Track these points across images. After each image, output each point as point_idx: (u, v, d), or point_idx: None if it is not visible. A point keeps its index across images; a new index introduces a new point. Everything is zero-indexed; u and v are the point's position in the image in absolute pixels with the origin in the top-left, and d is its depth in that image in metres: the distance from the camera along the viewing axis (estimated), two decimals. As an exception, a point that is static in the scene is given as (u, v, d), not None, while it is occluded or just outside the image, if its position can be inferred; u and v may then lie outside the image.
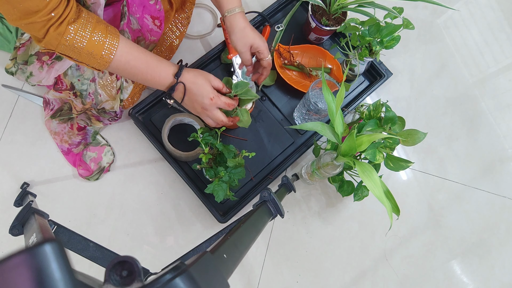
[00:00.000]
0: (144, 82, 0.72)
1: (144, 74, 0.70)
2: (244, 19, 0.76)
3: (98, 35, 0.62)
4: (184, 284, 0.28)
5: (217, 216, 0.87)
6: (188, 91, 0.72)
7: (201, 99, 0.73)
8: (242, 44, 0.77)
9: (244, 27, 0.76)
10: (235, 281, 0.90)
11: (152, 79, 0.71)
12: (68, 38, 0.59)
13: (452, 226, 1.00)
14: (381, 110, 0.89)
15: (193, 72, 0.72)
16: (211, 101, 0.72)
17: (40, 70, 0.80)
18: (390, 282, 0.95)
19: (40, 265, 0.21)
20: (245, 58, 0.79)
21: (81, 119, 0.90)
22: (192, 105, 0.75)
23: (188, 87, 0.72)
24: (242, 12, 0.77)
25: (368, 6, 0.89)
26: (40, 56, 0.79)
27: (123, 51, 0.65)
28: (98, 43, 0.62)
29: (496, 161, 1.07)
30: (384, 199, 0.67)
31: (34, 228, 0.54)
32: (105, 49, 0.63)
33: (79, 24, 0.60)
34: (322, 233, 0.96)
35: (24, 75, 0.83)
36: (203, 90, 0.72)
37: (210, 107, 0.73)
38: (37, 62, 0.80)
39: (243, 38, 0.76)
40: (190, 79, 0.72)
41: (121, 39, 0.65)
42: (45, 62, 0.79)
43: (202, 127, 0.88)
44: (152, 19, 0.77)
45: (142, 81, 0.72)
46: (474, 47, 1.16)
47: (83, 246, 0.64)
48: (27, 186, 0.88)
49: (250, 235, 0.51)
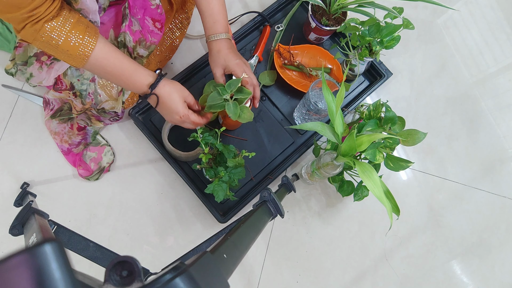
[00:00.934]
0: (121, 86, 0.74)
1: (119, 81, 0.71)
2: (224, 44, 0.78)
3: (75, 36, 0.61)
4: (184, 284, 0.28)
5: (217, 216, 0.87)
6: (160, 103, 0.73)
7: (171, 114, 0.75)
8: (214, 64, 0.79)
9: (219, 50, 0.77)
10: (235, 281, 0.90)
11: (127, 86, 0.72)
12: (44, 35, 0.59)
13: (452, 226, 1.00)
14: (381, 110, 0.89)
15: (169, 86, 0.73)
16: (180, 119, 0.75)
17: (40, 70, 0.80)
18: (390, 282, 0.95)
19: (40, 265, 0.21)
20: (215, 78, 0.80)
21: (81, 119, 0.90)
22: (165, 115, 0.77)
23: (161, 100, 0.73)
24: (226, 39, 0.78)
25: (368, 6, 0.89)
26: (39, 56, 0.79)
27: (99, 55, 0.65)
28: (74, 44, 0.62)
29: (496, 161, 1.07)
30: (384, 199, 0.67)
31: (34, 228, 0.54)
32: (80, 50, 0.63)
33: (57, 22, 0.59)
34: (322, 233, 0.96)
35: (24, 76, 0.83)
36: (175, 106, 0.73)
37: (180, 123, 0.77)
38: (36, 63, 0.80)
39: (215, 59, 0.78)
40: (164, 94, 0.72)
41: (99, 43, 0.65)
42: (44, 63, 0.79)
43: (202, 127, 0.88)
44: (153, 21, 0.77)
45: (119, 85, 0.73)
46: (474, 47, 1.16)
47: (83, 246, 0.64)
48: (27, 186, 0.88)
49: (250, 235, 0.51)
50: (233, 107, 0.75)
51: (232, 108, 0.75)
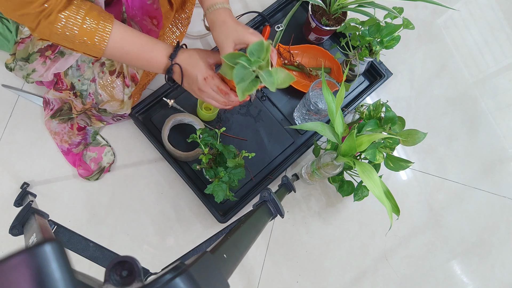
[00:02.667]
0: (142, 67, 0.71)
1: (140, 59, 0.68)
2: (227, 14, 0.67)
3: (90, 22, 0.61)
4: (184, 284, 0.28)
5: (217, 216, 0.87)
6: (184, 72, 0.68)
7: (195, 79, 0.68)
8: (223, 38, 0.65)
9: (224, 20, 0.66)
10: (235, 281, 0.90)
11: (148, 64, 0.69)
12: (59, 26, 0.59)
13: (452, 226, 1.00)
14: (381, 110, 0.89)
15: (188, 51, 0.68)
16: (204, 81, 0.67)
17: (44, 65, 0.80)
18: (390, 282, 0.95)
19: (40, 265, 0.21)
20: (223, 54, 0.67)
21: (81, 119, 0.90)
22: (191, 88, 0.71)
23: (184, 68, 0.68)
24: (226, 8, 0.68)
25: (368, 6, 0.89)
26: (43, 52, 0.79)
27: (116, 37, 0.64)
28: (90, 30, 0.61)
29: (496, 161, 1.07)
30: (384, 199, 0.67)
31: (34, 228, 0.54)
32: (97, 35, 0.62)
33: (70, 11, 0.59)
34: (322, 233, 0.96)
35: (22, 72, 0.83)
36: (197, 69, 0.67)
37: (205, 88, 0.68)
38: (40, 58, 0.79)
39: (222, 31, 0.66)
40: (185, 60, 0.68)
41: (115, 25, 0.64)
42: (48, 57, 0.79)
43: (202, 127, 0.88)
44: (150, 18, 0.77)
45: (139, 66, 0.70)
46: (474, 47, 1.16)
47: (83, 246, 0.64)
48: (27, 186, 0.88)
49: (250, 235, 0.51)
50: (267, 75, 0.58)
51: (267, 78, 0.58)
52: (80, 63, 0.81)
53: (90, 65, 0.81)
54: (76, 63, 0.80)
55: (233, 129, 0.97)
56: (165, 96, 0.95)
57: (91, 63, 0.81)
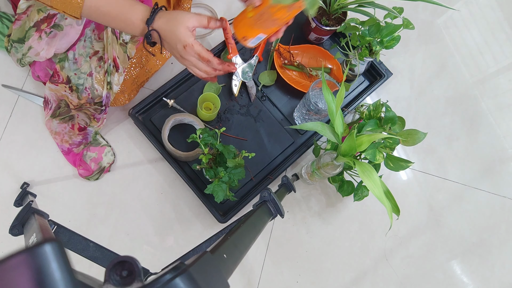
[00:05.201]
0: (121, 29, 0.68)
1: (116, 21, 0.65)
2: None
3: None
4: (184, 284, 0.28)
5: (217, 216, 0.87)
6: (163, 38, 0.65)
7: (176, 48, 0.64)
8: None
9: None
10: (235, 281, 0.90)
11: (126, 26, 0.65)
12: None
13: (452, 226, 1.00)
14: (381, 110, 0.89)
15: (167, 16, 0.64)
16: (184, 49, 0.64)
17: (39, 40, 0.78)
18: (390, 282, 0.95)
19: (40, 265, 0.21)
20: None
21: (81, 119, 0.90)
22: (173, 53, 0.67)
23: (162, 34, 0.64)
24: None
25: (368, 6, 0.89)
26: (39, 25, 0.77)
27: None
28: None
29: (496, 161, 1.07)
30: (384, 199, 0.67)
31: (34, 228, 0.54)
32: None
33: None
34: (322, 233, 0.96)
35: (17, 54, 0.82)
36: (176, 36, 0.63)
37: (186, 55, 0.65)
38: (35, 33, 0.78)
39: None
40: (163, 25, 0.64)
41: None
42: (44, 31, 0.77)
43: (202, 127, 0.88)
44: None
45: (119, 28, 0.67)
46: (474, 47, 1.16)
47: (83, 246, 0.64)
48: (27, 186, 0.88)
49: (250, 235, 0.51)
50: None
51: None
52: (78, 56, 0.80)
53: (87, 59, 0.80)
54: (73, 56, 0.80)
55: (233, 129, 0.97)
56: (165, 96, 0.95)
57: (88, 57, 0.80)
